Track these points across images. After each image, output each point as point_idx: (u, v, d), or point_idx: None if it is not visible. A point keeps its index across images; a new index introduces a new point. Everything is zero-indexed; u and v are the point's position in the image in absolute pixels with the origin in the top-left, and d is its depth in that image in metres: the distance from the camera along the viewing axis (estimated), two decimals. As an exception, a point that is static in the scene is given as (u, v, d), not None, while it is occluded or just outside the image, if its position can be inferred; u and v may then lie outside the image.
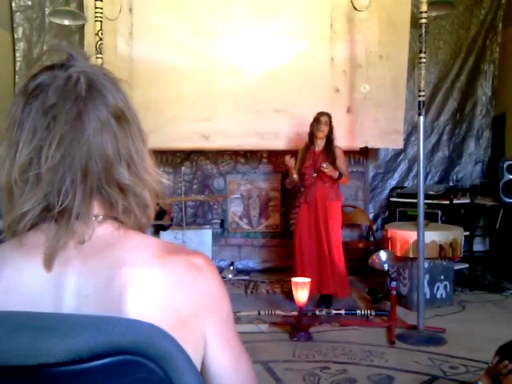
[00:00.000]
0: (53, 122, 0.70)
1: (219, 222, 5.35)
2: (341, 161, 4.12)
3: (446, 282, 4.17)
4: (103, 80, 0.76)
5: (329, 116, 4.12)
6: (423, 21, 3.37)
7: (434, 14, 3.81)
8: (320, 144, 4.13)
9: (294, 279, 3.60)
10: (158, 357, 0.66)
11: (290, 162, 4.13)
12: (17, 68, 5.03)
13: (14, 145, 0.72)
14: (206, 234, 5.09)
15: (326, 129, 4.07)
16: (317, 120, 4.10)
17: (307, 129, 4.21)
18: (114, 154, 0.74)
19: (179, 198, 5.10)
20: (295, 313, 3.60)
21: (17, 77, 5.02)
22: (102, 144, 0.72)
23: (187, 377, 0.68)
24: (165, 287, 0.71)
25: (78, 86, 0.72)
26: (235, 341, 0.81)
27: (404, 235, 4.07)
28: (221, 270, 5.06)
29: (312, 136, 4.15)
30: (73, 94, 0.72)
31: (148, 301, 0.69)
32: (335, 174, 4.01)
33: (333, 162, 4.03)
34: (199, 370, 0.74)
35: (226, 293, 0.80)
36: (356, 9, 4.80)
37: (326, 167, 3.96)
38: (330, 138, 4.11)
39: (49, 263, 0.70)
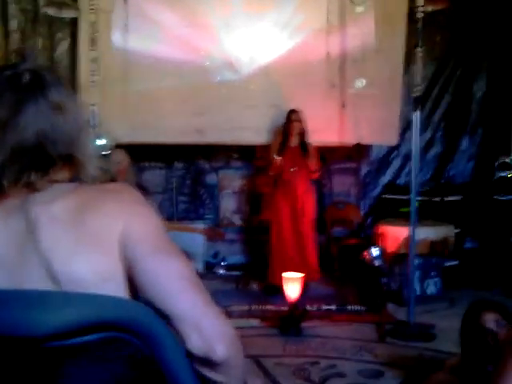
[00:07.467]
0: None
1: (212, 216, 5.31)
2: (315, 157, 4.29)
3: (436, 279, 4.19)
4: (47, 75, 0.86)
5: (297, 112, 4.28)
6: (420, 15, 3.38)
7: (430, 8, 3.82)
8: (294, 140, 4.29)
9: (284, 274, 3.61)
10: (144, 335, 0.69)
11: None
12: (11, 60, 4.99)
13: None
14: (197, 239, 4.93)
15: (297, 125, 4.26)
16: (288, 118, 4.30)
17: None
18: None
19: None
20: (286, 308, 3.61)
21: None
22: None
23: (172, 354, 0.72)
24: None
25: (21, 79, 0.84)
26: (162, 243, 0.83)
27: (395, 231, 4.09)
28: (212, 265, 5.05)
29: (286, 132, 4.34)
30: (15, 85, 0.83)
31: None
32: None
33: (307, 157, 4.24)
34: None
35: (150, 208, 0.88)
36: (353, 2, 4.78)
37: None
38: (303, 134, 4.28)
39: None
